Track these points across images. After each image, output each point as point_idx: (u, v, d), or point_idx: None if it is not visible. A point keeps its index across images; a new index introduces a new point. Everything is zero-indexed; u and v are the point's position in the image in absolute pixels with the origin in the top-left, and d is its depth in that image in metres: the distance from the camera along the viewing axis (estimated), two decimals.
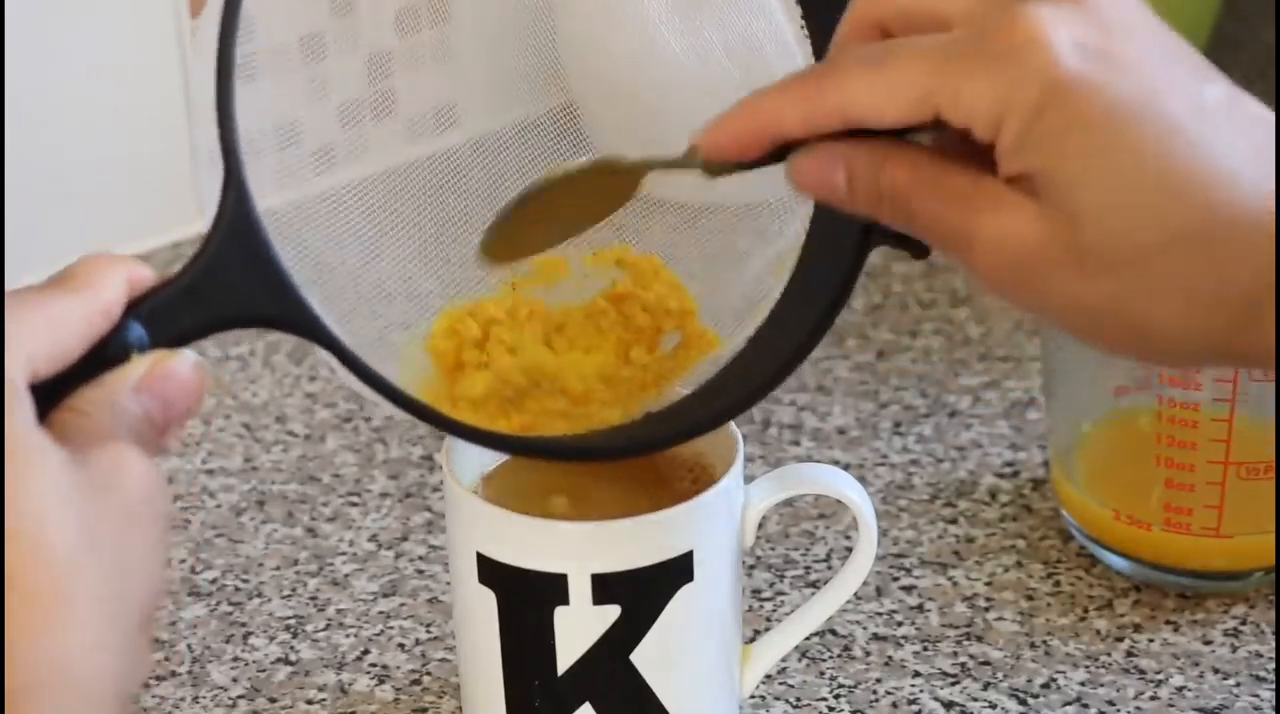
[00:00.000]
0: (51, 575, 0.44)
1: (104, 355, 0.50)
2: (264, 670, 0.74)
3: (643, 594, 0.64)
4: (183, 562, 0.80)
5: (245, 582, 0.79)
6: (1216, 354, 0.52)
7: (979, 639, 0.75)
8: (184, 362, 0.51)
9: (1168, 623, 0.76)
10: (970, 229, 0.52)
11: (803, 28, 0.62)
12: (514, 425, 0.62)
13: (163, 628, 0.76)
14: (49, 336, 0.48)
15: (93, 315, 0.50)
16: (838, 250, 0.59)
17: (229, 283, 0.52)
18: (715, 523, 0.65)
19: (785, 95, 0.54)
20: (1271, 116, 0.52)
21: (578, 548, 0.63)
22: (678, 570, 0.64)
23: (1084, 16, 0.50)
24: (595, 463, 0.66)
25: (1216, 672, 0.73)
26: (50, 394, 0.48)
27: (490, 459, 0.68)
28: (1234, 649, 0.75)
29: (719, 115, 0.54)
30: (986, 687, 0.73)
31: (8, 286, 0.99)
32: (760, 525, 0.72)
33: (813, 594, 0.71)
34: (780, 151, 0.54)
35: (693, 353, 0.64)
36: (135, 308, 0.51)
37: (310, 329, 0.54)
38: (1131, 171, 0.50)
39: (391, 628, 0.76)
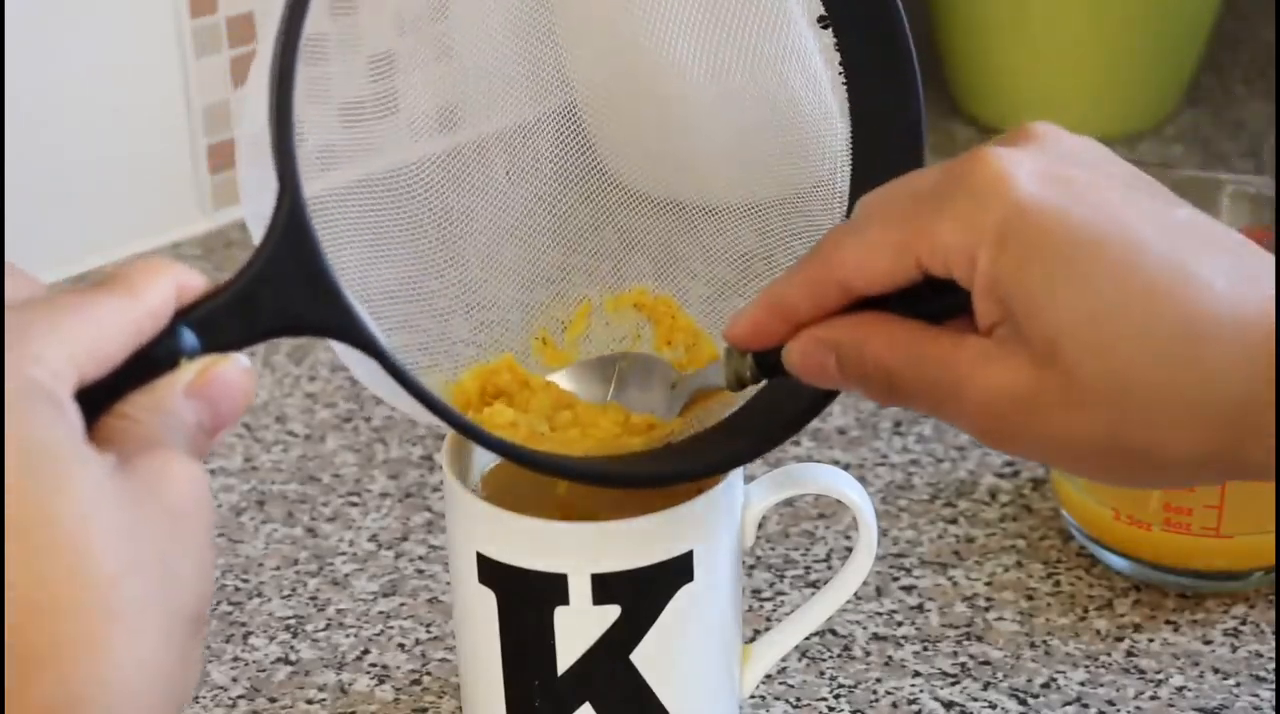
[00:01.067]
0: (97, 591, 0.43)
1: (153, 360, 0.49)
2: (264, 670, 0.74)
3: (643, 594, 0.64)
4: None
5: (245, 582, 0.79)
6: (1219, 470, 0.52)
7: (979, 639, 0.75)
8: (234, 366, 0.50)
9: (1168, 623, 0.76)
10: (957, 388, 0.53)
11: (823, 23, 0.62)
12: (544, 448, 0.63)
13: None
14: (91, 340, 0.47)
15: (140, 319, 0.49)
16: None
17: (281, 291, 0.52)
18: (715, 523, 0.65)
19: (790, 280, 0.56)
20: (1238, 237, 0.53)
21: (578, 548, 0.63)
22: (678, 570, 0.64)
23: (1044, 153, 0.53)
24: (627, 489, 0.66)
25: (1216, 672, 0.74)
26: (99, 399, 0.47)
27: (490, 459, 0.68)
28: (1234, 649, 0.75)
29: (740, 311, 0.58)
30: (986, 687, 0.73)
31: (9, 273, 0.99)
32: (760, 525, 0.72)
33: (813, 594, 0.71)
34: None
35: (711, 397, 0.65)
36: (186, 314, 0.50)
37: (360, 339, 0.54)
38: (1102, 288, 0.50)
39: (391, 628, 0.76)
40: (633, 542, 0.63)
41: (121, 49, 0.99)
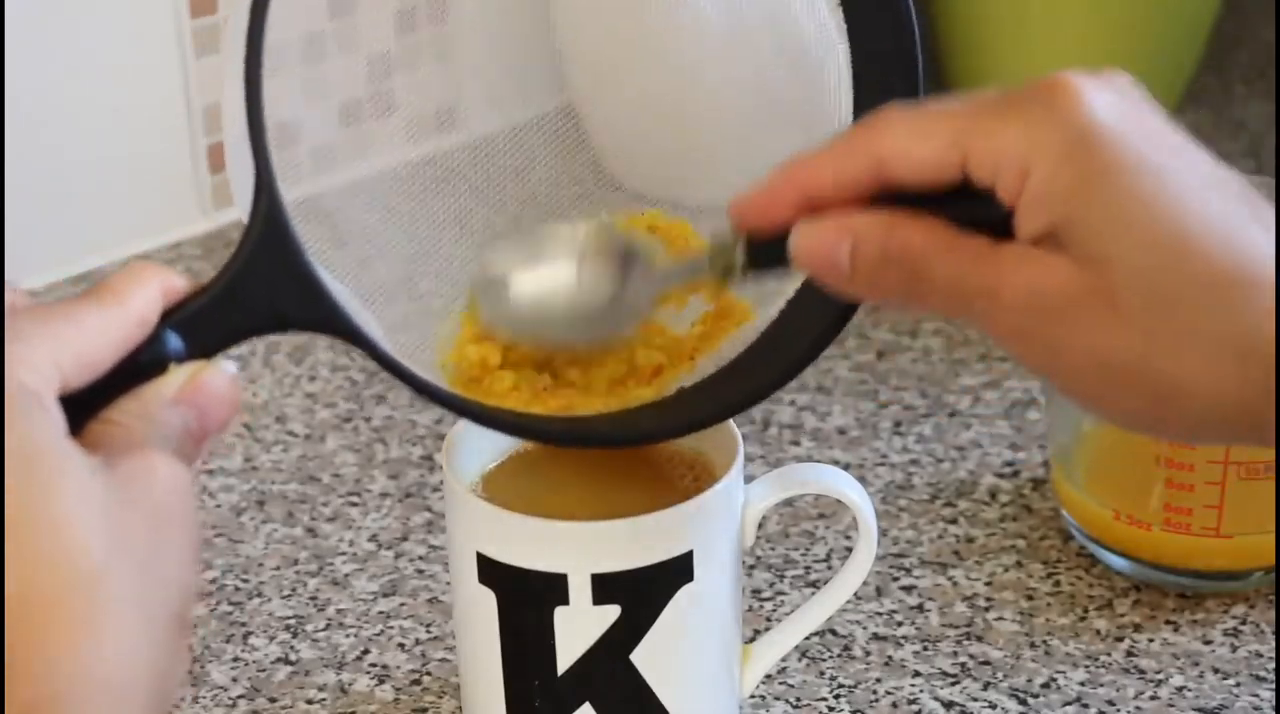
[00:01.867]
0: (81, 585, 0.44)
1: (140, 366, 0.50)
2: (264, 670, 0.74)
3: (643, 594, 0.64)
4: None
5: (245, 582, 0.79)
6: (1242, 425, 0.51)
7: (979, 639, 0.75)
8: (221, 373, 0.51)
9: (1168, 623, 0.76)
10: (994, 283, 0.52)
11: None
12: (552, 407, 0.62)
13: None
14: (77, 347, 0.48)
15: (126, 325, 0.49)
16: None
17: (264, 290, 0.53)
18: (715, 523, 0.65)
19: (820, 148, 0.54)
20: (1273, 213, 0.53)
21: (578, 548, 0.63)
22: (678, 570, 0.64)
23: (1119, 93, 0.52)
24: (630, 448, 0.66)
25: (1216, 672, 0.73)
26: (85, 405, 0.48)
27: (490, 459, 0.68)
28: (1234, 649, 0.75)
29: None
30: (986, 687, 0.73)
31: (8, 286, 0.99)
32: (760, 525, 0.72)
33: (813, 594, 0.71)
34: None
35: (725, 324, 0.64)
36: (170, 316, 0.51)
37: (346, 332, 0.54)
38: (1163, 216, 0.50)
39: (391, 628, 0.76)
40: (633, 542, 0.63)
41: (121, 49, 0.99)
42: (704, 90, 0.65)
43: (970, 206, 0.52)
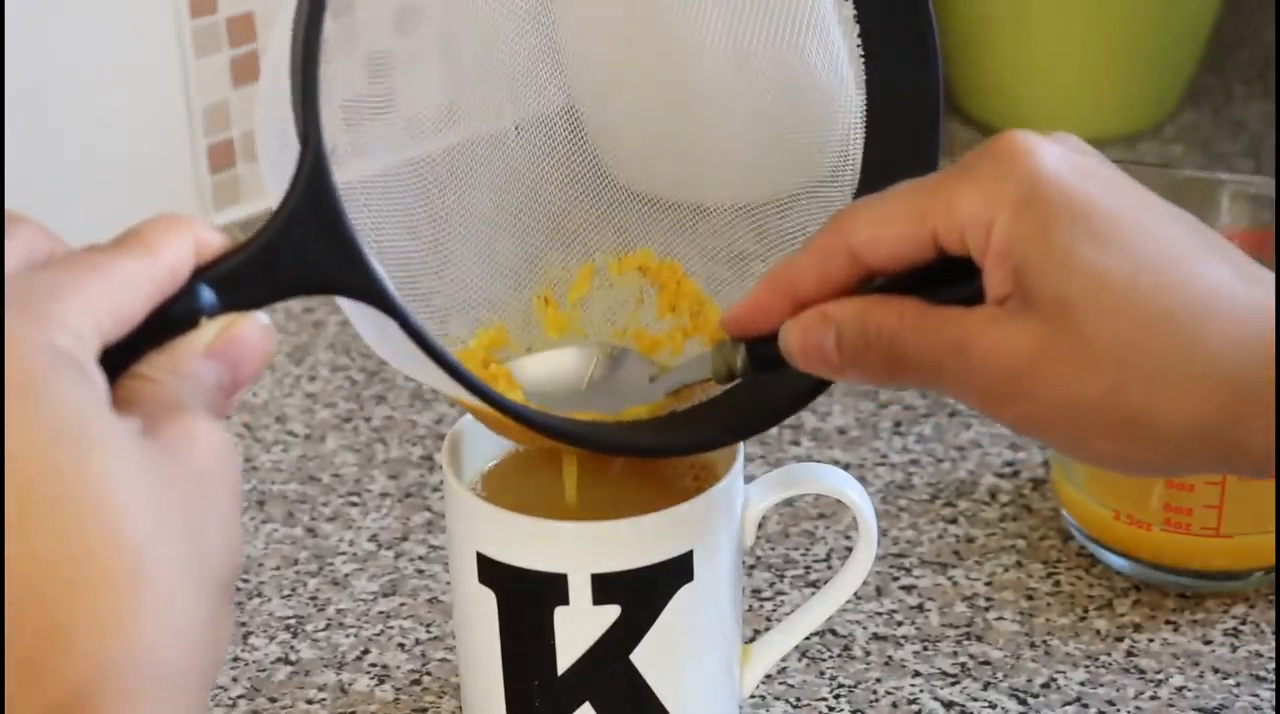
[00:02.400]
0: (128, 560, 0.43)
1: (172, 319, 0.49)
2: (264, 670, 0.74)
3: (643, 594, 0.64)
4: None
5: (245, 582, 0.79)
6: (1218, 453, 0.53)
7: (979, 639, 0.75)
8: (254, 325, 0.50)
9: (1168, 623, 0.76)
10: (965, 348, 0.53)
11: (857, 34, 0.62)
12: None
13: None
14: (113, 302, 0.47)
15: (159, 277, 0.48)
16: None
17: (302, 249, 0.51)
18: (715, 523, 0.65)
19: (799, 253, 0.57)
20: (1236, 248, 0.54)
21: (578, 548, 0.63)
22: (678, 570, 0.64)
23: (1067, 147, 0.54)
24: (639, 457, 0.66)
25: (1216, 671, 0.73)
26: (118, 359, 0.47)
27: (490, 458, 0.68)
28: (1234, 649, 0.75)
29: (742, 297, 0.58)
30: (986, 687, 0.73)
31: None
32: (760, 525, 0.72)
33: (813, 594, 0.71)
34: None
35: (695, 391, 0.64)
36: (204, 272, 0.50)
37: (380, 298, 0.53)
38: (1118, 254, 0.52)
39: (391, 628, 0.76)
40: (633, 542, 0.63)
41: (121, 49, 0.99)
42: (704, 91, 0.65)
43: (947, 285, 0.55)
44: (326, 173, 0.52)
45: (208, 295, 0.49)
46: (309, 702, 0.73)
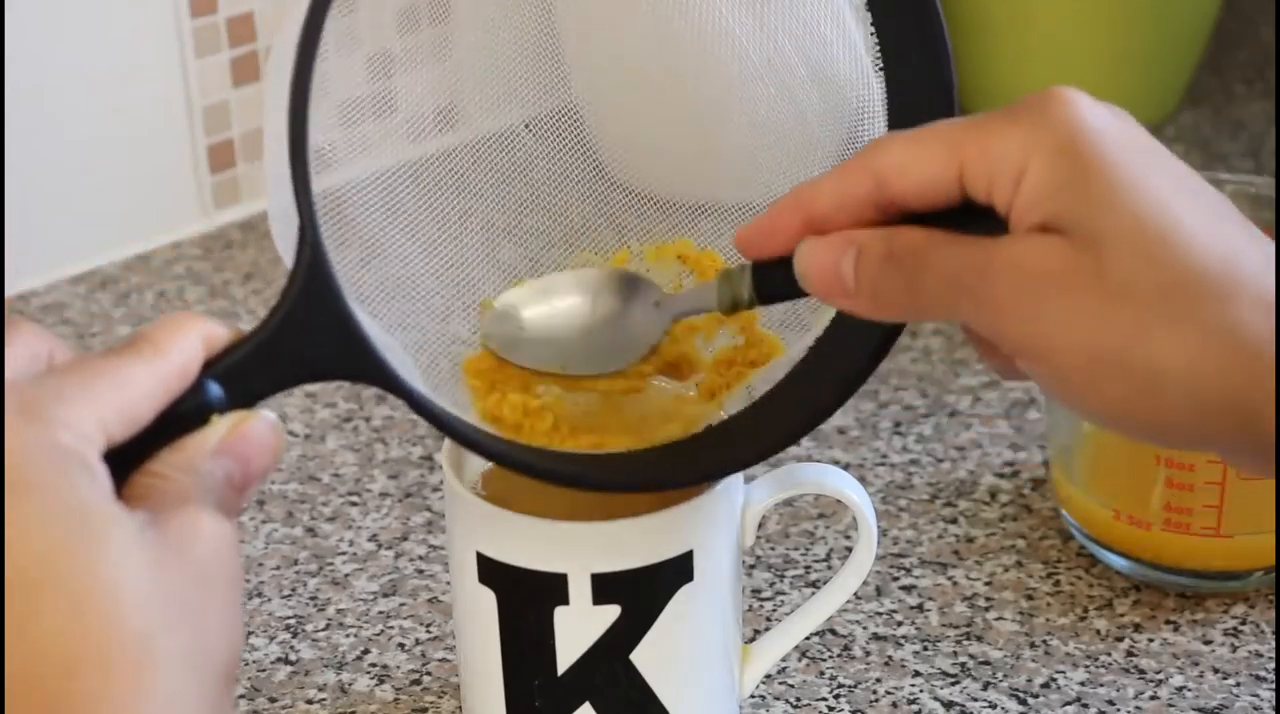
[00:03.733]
0: (131, 646, 0.44)
1: (182, 417, 0.49)
2: (264, 670, 0.74)
3: (643, 594, 0.64)
4: None
5: (245, 582, 0.79)
6: (1233, 421, 0.52)
7: (979, 639, 0.75)
8: (262, 422, 0.51)
9: (1168, 623, 0.76)
10: (989, 263, 0.52)
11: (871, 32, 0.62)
12: (584, 444, 0.62)
13: None
14: (120, 403, 0.48)
15: (168, 378, 0.49)
16: None
17: (306, 341, 0.53)
18: (715, 523, 0.65)
19: (823, 176, 0.55)
20: (1255, 228, 0.54)
21: (578, 548, 0.63)
22: (678, 570, 0.64)
23: (1110, 109, 0.54)
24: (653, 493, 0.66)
25: (1216, 671, 0.73)
26: (128, 457, 0.48)
27: None
28: (1234, 649, 0.75)
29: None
30: (986, 687, 0.73)
31: (9, 287, 0.99)
32: (760, 525, 0.72)
33: (813, 594, 0.71)
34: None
35: (755, 358, 0.64)
36: (211, 366, 0.51)
37: (386, 382, 0.55)
38: (1149, 209, 0.51)
39: (391, 628, 0.76)
40: (633, 542, 0.63)
41: (121, 49, 0.99)
42: (705, 91, 0.65)
43: (970, 223, 0.53)
44: (325, 265, 0.53)
45: (215, 390, 0.51)
46: (309, 702, 0.73)
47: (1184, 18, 1.10)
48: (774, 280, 0.57)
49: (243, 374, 0.51)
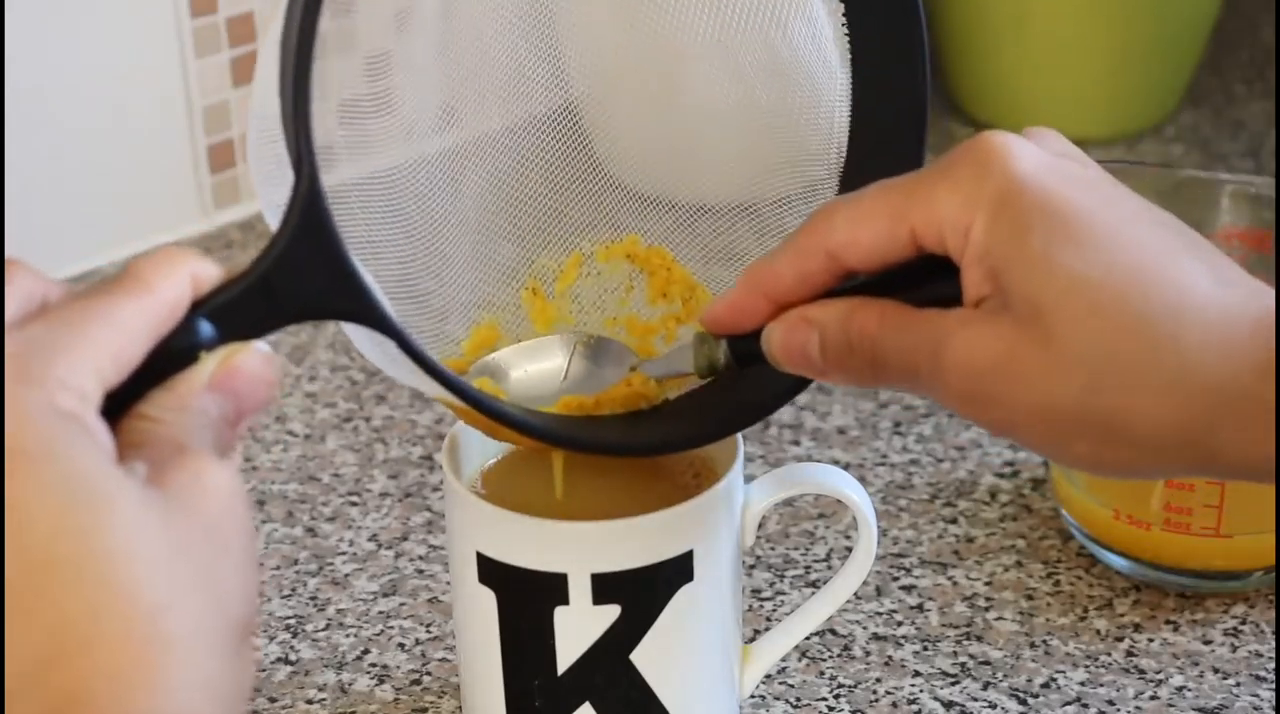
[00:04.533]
0: (146, 618, 0.43)
1: (172, 355, 0.48)
2: (264, 670, 0.74)
3: (643, 594, 0.64)
4: None
5: None
6: (1192, 458, 0.52)
7: (979, 639, 0.75)
8: (254, 355, 0.49)
9: (1168, 623, 0.76)
10: (938, 350, 0.53)
11: (844, 25, 0.62)
12: (583, 407, 0.62)
13: None
14: (113, 344, 0.46)
15: (158, 315, 0.48)
16: None
17: (299, 277, 0.51)
18: (715, 523, 0.65)
19: (775, 251, 0.57)
20: (1213, 247, 0.54)
21: (578, 548, 0.63)
22: (678, 570, 0.64)
23: (1043, 145, 0.54)
24: (641, 457, 0.66)
25: (1216, 671, 0.73)
26: (121, 400, 0.47)
27: (490, 457, 0.68)
28: (1234, 649, 0.75)
29: (720, 295, 0.58)
30: (986, 687, 0.73)
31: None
32: (760, 525, 0.72)
33: (813, 594, 0.71)
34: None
35: (677, 384, 0.64)
36: (201, 305, 0.49)
37: (378, 321, 0.54)
38: (1093, 258, 0.52)
39: (391, 628, 0.76)
40: (633, 542, 0.63)
41: (121, 49, 0.99)
42: (700, 89, 0.65)
43: (929, 282, 0.55)
44: (321, 199, 0.52)
45: (206, 328, 0.49)
46: (309, 702, 0.73)
47: (1184, 18, 1.10)
48: (748, 349, 0.58)
49: (234, 312, 0.50)
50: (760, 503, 0.67)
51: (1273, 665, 0.74)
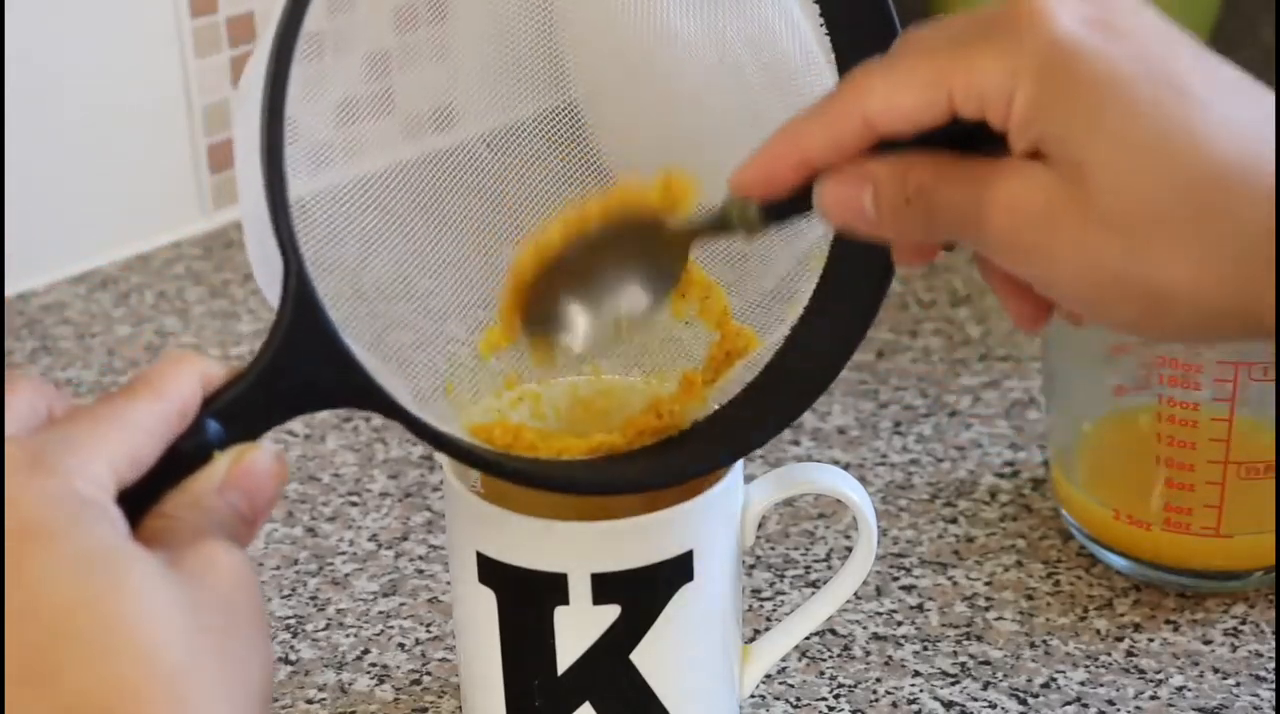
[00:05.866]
0: (165, 684, 0.44)
1: (184, 456, 0.50)
2: None
3: (643, 594, 0.64)
4: None
5: None
6: (1238, 323, 0.51)
7: (979, 639, 0.75)
8: (264, 454, 0.51)
9: (1168, 623, 0.76)
10: (985, 199, 0.52)
11: (821, 25, 0.62)
12: (572, 450, 0.63)
13: None
14: (127, 446, 0.48)
15: (169, 418, 0.50)
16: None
17: (299, 373, 0.53)
18: (715, 523, 0.65)
19: (807, 115, 0.55)
20: (1270, 94, 0.52)
21: (578, 548, 0.63)
22: (678, 570, 0.64)
23: (1086, 2, 0.52)
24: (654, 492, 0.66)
25: (1216, 671, 0.73)
26: (137, 501, 0.48)
27: None
28: (1234, 649, 0.75)
29: (748, 158, 0.56)
30: (986, 687, 0.73)
31: (9, 287, 0.99)
32: (760, 525, 0.72)
33: (813, 594, 0.71)
34: (809, 196, 0.55)
35: (732, 353, 0.64)
36: (209, 404, 0.51)
37: (382, 406, 0.55)
38: (1134, 125, 0.50)
39: (391, 628, 0.76)
40: (633, 542, 0.63)
41: (121, 49, 0.99)
42: (699, 92, 0.65)
43: (965, 146, 0.53)
44: (311, 293, 0.53)
45: (215, 428, 0.51)
46: (309, 702, 0.73)
47: (1184, 18, 1.09)
48: (780, 209, 0.56)
49: (241, 410, 0.52)
50: (760, 503, 0.67)
51: (1273, 665, 0.74)
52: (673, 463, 0.63)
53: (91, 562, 0.45)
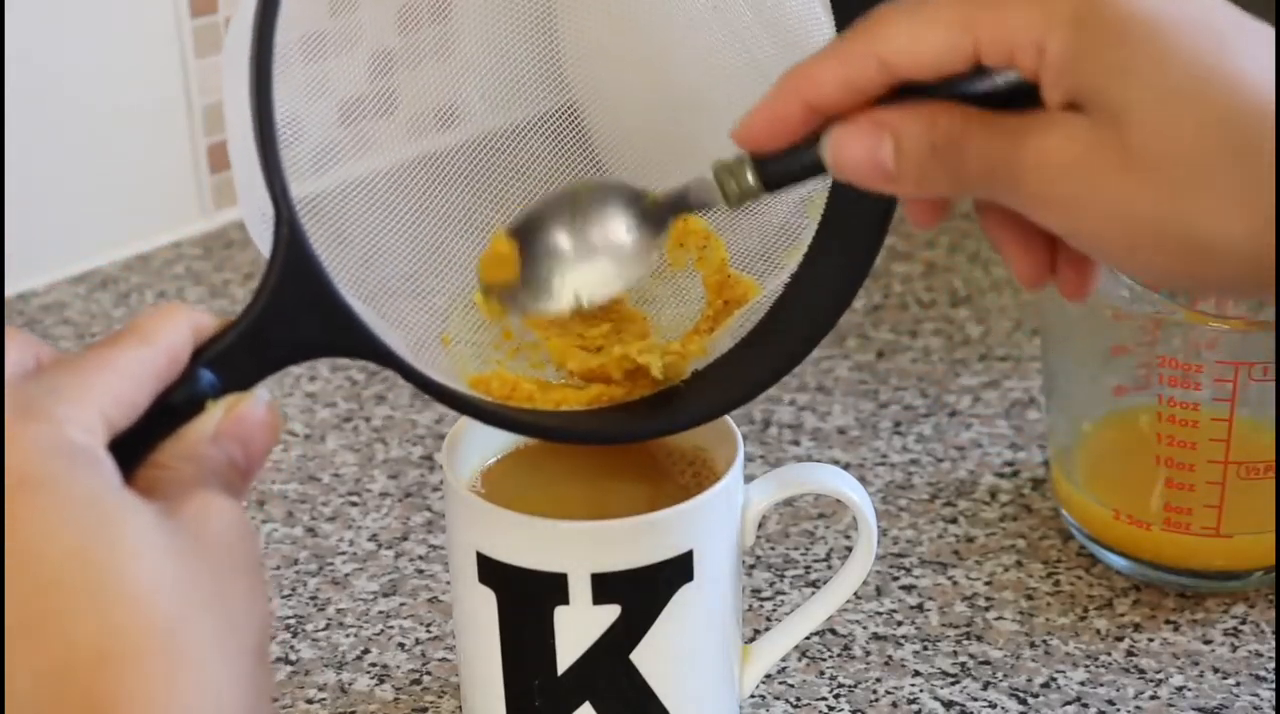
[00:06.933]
0: (160, 634, 0.44)
1: (178, 405, 0.50)
2: None
3: (643, 594, 0.64)
4: None
5: None
6: (1267, 272, 0.50)
7: (979, 639, 0.75)
8: (257, 403, 0.51)
9: (1168, 623, 0.76)
10: (1020, 151, 0.51)
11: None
12: (582, 399, 0.62)
13: None
14: (116, 391, 0.48)
15: (159, 363, 0.50)
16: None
17: (291, 321, 0.53)
18: (715, 523, 0.65)
19: (818, 55, 0.52)
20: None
21: (578, 548, 0.63)
22: (678, 570, 0.64)
23: None
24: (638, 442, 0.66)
25: (1216, 671, 0.73)
26: (130, 449, 0.48)
27: (490, 457, 0.68)
28: (1234, 649, 0.75)
29: (752, 108, 0.53)
30: (986, 686, 0.73)
31: (9, 287, 0.99)
32: (760, 525, 0.72)
33: (813, 594, 0.71)
34: (815, 160, 0.53)
35: (731, 302, 0.64)
36: (201, 354, 0.51)
37: (377, 355, 0.55)
38: (1173, 71, 0.49)
39: (391, 628, 0.76)
40: (633, 542, 0.63)
41: (121, 49, 0.99)
42: (700, 91, 0.65)
43: (991, 84, 0.52)
44: (303, 242, 0.53)
45: (208, 377, 0.51)
46: (309, 702, 0.73)
47: None
48: (777, 169, 0.54)
49: (233, 359, 0.51)
50: (760, 503, 0.67)
51: (1273, 665, 0.74)
52: (675, 412, 0.62)
53: (85, 510, 0.44)
